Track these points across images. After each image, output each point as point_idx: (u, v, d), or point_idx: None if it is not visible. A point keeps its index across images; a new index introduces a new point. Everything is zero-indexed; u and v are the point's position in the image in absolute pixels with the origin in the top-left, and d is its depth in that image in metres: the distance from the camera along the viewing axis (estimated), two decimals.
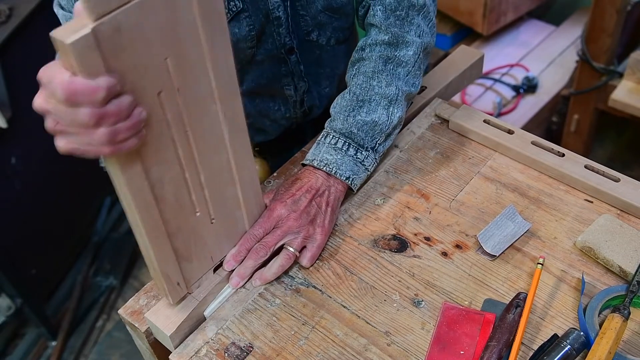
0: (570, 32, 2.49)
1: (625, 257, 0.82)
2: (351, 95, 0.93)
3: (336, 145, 0.91)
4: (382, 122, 0.92)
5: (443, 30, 2.58)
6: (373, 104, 0.92)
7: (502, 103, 2.28)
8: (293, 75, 1.05)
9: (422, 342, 0.79)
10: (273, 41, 0.98)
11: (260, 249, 0.84)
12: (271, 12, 0.94)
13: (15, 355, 2.14)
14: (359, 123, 0.92)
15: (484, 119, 1.03)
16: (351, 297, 0.84)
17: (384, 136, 0.93)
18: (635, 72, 1.86)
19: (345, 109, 0.93)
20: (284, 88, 1.06)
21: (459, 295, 0.83)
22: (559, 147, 0.97)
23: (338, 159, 0.91)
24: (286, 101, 1.09)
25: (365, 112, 0.92)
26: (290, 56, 1.02)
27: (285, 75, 1.05)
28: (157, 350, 0.87)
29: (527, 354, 0.76)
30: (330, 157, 0.91)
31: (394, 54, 0.93)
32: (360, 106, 0.92)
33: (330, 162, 0.90)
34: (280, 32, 0.97)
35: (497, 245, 0.86)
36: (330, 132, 0.93)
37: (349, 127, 0.92)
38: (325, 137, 0.93)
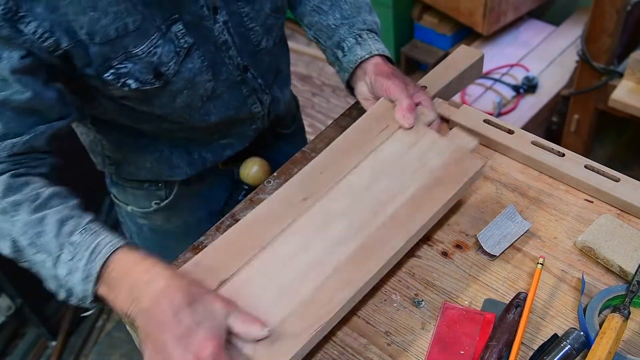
0: (570, 32, 2.49)
1: (625, 257, 0.82)
2: (349, 5, 1.05)
3: (374, 38, 1.03)
4: (377, 22, 1.07)
5: (443, 30, 2.58)
6: (363, 11, 1.06)
7: (502, 103, 2.28)
8: (255, 92, 1.06)
9: (422, 342, 0.79)
10: (226, 68, 0.98)
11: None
12: (217, 38, 0.94)
13: (15, 355, 2.14)
14: (372, 22, 1.06)
15: (484, 119, 1.03)
16: None
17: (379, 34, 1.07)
18: (635, 72, 1.86)
19: (353, 15, 1.05)
20: (252, 108, 1.07)
21: (459, 295, 0.84)
22: (559, 147, 0.97)
23: (383, 47, 1.03)
24: (254, 118, 1.09)
25: (365, 14, 1.06)
26: (246, 74, 1.02)
27: (249, 95, 1.05)
28: None
29: (527, 354, 0.76)
30: (380, 46, 1.02)
31: None
32: (359, 12, 1.05)
33: (384, 50, 1.02)
34: (230, 55, 0.98)
35: (497, 245, 0.86)
36: (360, 32, 1.03)
37: (370, 24, 1.05)
38: (359, 36, 1.03)
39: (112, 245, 0.75)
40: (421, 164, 0.87)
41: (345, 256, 0.78)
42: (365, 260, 0.78)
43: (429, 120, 0.94)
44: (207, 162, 1.11)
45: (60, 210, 0.78)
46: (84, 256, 0.74)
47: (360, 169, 0.88)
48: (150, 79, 0.88)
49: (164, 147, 1.07)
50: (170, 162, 1.09)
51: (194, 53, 0.92)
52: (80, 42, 0.81)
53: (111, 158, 1.10)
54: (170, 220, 1.20)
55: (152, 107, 0.95)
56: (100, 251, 0.74)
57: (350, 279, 0.76)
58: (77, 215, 0.78)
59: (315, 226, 0.81)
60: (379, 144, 0.90)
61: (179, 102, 0.95)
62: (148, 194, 1.15)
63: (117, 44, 0.83)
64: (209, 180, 1.17)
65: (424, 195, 0.83)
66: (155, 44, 0.86)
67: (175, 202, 1.16)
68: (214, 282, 0.76)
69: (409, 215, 0.81)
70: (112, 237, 0.76)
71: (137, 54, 0.85)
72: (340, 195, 0.85)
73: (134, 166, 1.10)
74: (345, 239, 0.80)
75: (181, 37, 0.89)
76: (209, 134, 1.07)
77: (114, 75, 0.86)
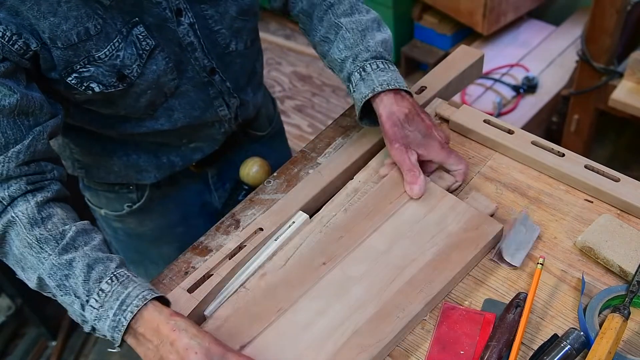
0: (570, 32, 2.49)
1: (625, 257, 0.82)
2: (351, 32, 0.97)
3: (378, 68, 0.94)
4: (386, 39, 0.98)
5: (443, 30, 2.58)
6: (370, 30, 0.98)
7: (502, 103, 2.28)
8: (222, 95, 1.05)
9: (422, 342, 0.79)
10: (192, 67, 0.98)
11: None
12: (182, 39, 0.94)
13: (15, 355, 2.14)
14: (377, 44, 0.96)
15: (484, 119, 1.03)
16: None
17: (392, 52, 0.99)
18: (635, 72, 1.86)
19: (356, 43, 0.96)
20: (218, 110, 1.06)
21: (459, 295, 0.84)
22: (559, 147, 0.97)
23: (390, 76, 0.93)
24: (222, 121, 1.09)
25: (370, 37, 0.97)
26: (214, 77, 1.02)
27: (215, 97, 1.04)
28: None
29: (527, 354, 0.76)
30: (385, 77, 0.93)
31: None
32: (364, 36, 0.96)
33: (390, 80, 0.93)
34: (196, 56, 0.97)
35: (516, 254, 0.85)
36: (364, 64, 0.94)
37: (374, 50, 0.95)
38: (362, 70, 0.94)
39: (141, 299, 0.75)
40: (440, 229, 0.88)
41: (364, 320, 0.79)
42: (383, 324, 0.79)
43: (448, 185, 0.94)
44: (175, 166, 1.11)
45: (87, 254, 0.79)
46: (113, 306, 0.75)
47: (379, 233, 0.88)
48: (114, 82, 0.89)
49: (132, 152, 1.07)
50: (138, 167, 1.09)
51: (158, 55, 0.92)
52: (45, 45, 0.82)
53: (80, 162, 1.10)
54: (143, 223, 1.20)
55: (117, 109, 0.95)
56: (130, 304, 0.75)
57: (368, 343, 0.77)
58: (104, 259, 0.79)
59: (333, 290, 0.83)
60: (397, 209, 0.91)
61: (143, 101, 0.95)
62: (120, 197, 1.15)
63: (80, 48, 0.84)
64: (182, 183, 1.17)
65: (442, 259, 0.84)
66: (118, 47, 0.86)
67: (147, 205, 1.16)
68: (234, 346, 0.78)
69: (427, 279, 0.82)
70: (141, 289, 0.76)
71: (99, 57, 0.86)
72: (359, 259, 0.86)
73: (103, 170, 1.10)
74: (364, 303, 0.81)
75: (143, 39, 0.89)
76: (177, 138, 1.06)
77: (77, 79, 0.86)
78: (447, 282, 0.82)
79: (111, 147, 1.05)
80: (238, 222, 0.96)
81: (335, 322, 0.80)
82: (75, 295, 0.77)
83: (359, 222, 0.90)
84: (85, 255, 0.79)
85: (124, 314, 0.75)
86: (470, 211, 0.89)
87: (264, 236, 0.90)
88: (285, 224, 0.92)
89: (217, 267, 0.87)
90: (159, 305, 0.76)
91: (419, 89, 1.11)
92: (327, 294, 0.83)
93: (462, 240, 0.86)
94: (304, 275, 0.85)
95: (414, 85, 1.12)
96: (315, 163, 1.04)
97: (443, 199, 0.91)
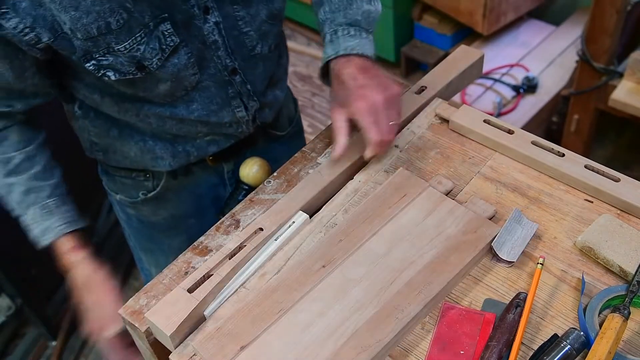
0: (570, 32, 2.49)
1: (625, 257, 0.82)
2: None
3: (349, 33, 0.99)
4: (373, 12, 1.03)
5: (443, 30, 2.58)
6: (358, 1, 1.01)
7: (502, 103, 2.28)
8: (241, 96, 1.06)
9: (422, 342, 0.79)
10: (215, 65, 0.99)
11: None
12: (207, 37, 0.95)
13: (15, 355, 2.14)
14: (358, 13, 1.00)
15: (484, 119, 1.03)
16: None
17: (374, 24, 1.03)
18: (635, 72, 1.86)
19: (340, 7, 1.01)
20: (235, 111, 1.07)
21: (459, 295, 0.84)
22: (559, 147, 0.97)
23: (357, 42, 0.98)
24: (238, 122, 1.09)
25: (356, 6, 1.01)
26: (234, 77, 1.03)
27: (234, 97, 1.05)
28: (157, 350, 0.87)
29: (527, 354, 0.76)
30: (351, 43, 0.98)
31: None
32: (350, 3, 1.01)
33: (355, 46, 0.97)
34: (219, 55, 0.98)
35: (511, 251, 0.86)
36: (337, 28, 1.00)
37: (353, 17, 1.00)
38: (334, 33, 0.99)
39: (56, 232, 1.01)
40: (438, 232, 0.88)
41: (363, 322, 0.80)
42: (383, 325, 0.79)
43: (446, 189, 0.94)
44: (190, 156, 1.12)
45: (25, 182, 0.99)
46: (33, 229, 1.01)
47: (378, 236, 0.89)
48: (132, 70, 0.90)
49: (148, 138, 1.08)
50: (154, 153, 1.10)
51: (181, 50, 0.93)
52: (65, 34, 0.84)
53: (97, 145, 1.11)
54: (157, 212, 1.21)
55: (136, 90, 0.96)
56: (46, 234, 1.00)
57: (367, 343, 0.77)
58: (38, 189, 1.00)
59: (333, 292, 0.83)
60: (396, 212, 0.91)
61: (162, 89, 0.96)
62: (136, 184, 1.16)
63: (100, 41, 0.85)
64: (197, 175, 1.18)
65: (441, 261, 0.84)
66: (139, 41, 0.88)
67: (162, 194, 1.17)
68: (235, 347, 0.78)
69: (425, 281, 0.83)
70: (60, 222, 1.01)
71: (119, 49, 0.87)
72: (358, 262, 0.86)
73: (119, 154, 1.11)
74: (363, 305, 0.81)
75: (168, 36, 0.90)
76: (193, 130, 1.07)
77: (95, 66, 0.88)
78: (446, 284, 0.82)
79: (128, 131, 1.07)
80: (238, 222, 0.96)
81: (335, 323, 0.80)
82: (12, 208, 1.02)
83: (358, 226, 0.90)
84: (24, 183, 0.99)
85: (42, 239, 1.01)
86: (468, 214, 0.89)
87: (264, 236, 0.90)
88: (285, 224, 0.92)
89: (217, 267, 0.87)
90: (69, 239, 1.01)
91: (418, 89, 1.11)
92: (327, 295, 0.83)
93: (460, 242, 0.86)
94: (304, 277, 0.85)
95: (414, 85, 1.12)
96: (315, 163, 1.04)
97: (442, 202, 0.91)
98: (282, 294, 0.83)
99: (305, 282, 0.84)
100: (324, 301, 0.82)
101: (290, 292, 0.83)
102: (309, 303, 0.82)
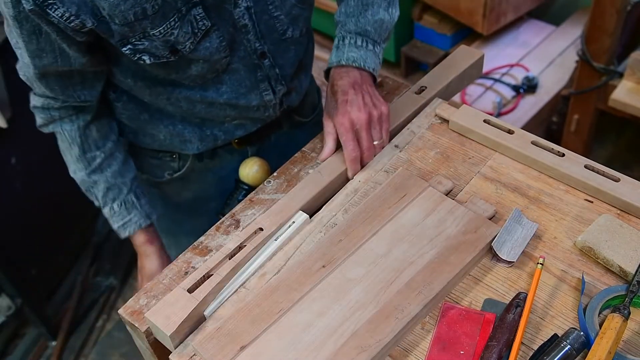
0: (570, 32, 2.49)
1: (625, 257, 0.82)
2: (356, 1, 1.04)
3: (356, 43, 1.03)
4: (387, 21, 1.06)
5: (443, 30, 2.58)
6: (375, 6, 1.04)
7: (502, 103, 2.28)
8: (269, 79, 1.07)
9: (422, 342, 0.79)
10: (245, 48, 1.01)
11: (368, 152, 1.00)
12: (237, 21, 0.97)
13: (15, 355, 2.14)
14: (369, 22, 1.03)
15: (484, 119, 1.03)
16: None
17: (387, 34, 1.07)
18: (635, 72, 1.86)
19: (353, 14, 1.04)
20: (263, 94, 1.08)
21: (459, 295, 0.84)
22: (559, 147, 0.97)
23: (361, 54, 1.02)
24: (266, 105, 1.10)
25: (371, 13, 1.04)
26: (264, 61, 1.04)
27: (262, 80, 1.07)
28: (157, 350, 0.87)
29: (527, 354, 0.76)
30: (354, 54, 1.02)
31: None
32: (366, 9, 1.04)
33: (357, 59, 1.02)
34: (249, 38, 1.00)
35: (511, 251, 0.86)
36: (346, 35, 1.04)
37: (363, 26, 1.03)
38: (342, 39, 1.04)
39: (136, 225, 1.13)
40: (438, 232, 0.88)
41: (363, 321, 0.80)
42: (383, 325, 0.79)
43: (446, 189, 0.94)
44: (218, 140, 1.14)
45: (108, 179, 1.10)
46: (117, 222, 1.13)
47: (378, 236, 0.89)
48: (166, 54, 0.93)
49: (178, 122, 1.11)
50: (183, 136, 1.12)
51: (213, 34, 0.95)
52: (104, 20, 0.87)
53: (128, 127, 1.14)
54: (181, 193, 1.24)
55: (168, 70, 0.98)
56: (127, 228, 1.13)
57: (367, 344, 0.77)
58: (120, 185, 1.11)
59: (333, 292, 0.83)
60: (396, 212, 0.91)
61: (194, 70, 0.98)
62: (162, 164, 1.19)
63: (136, 26, 0.88)
64: (223, 157, 1.20)
65: (441, 261, 0.84)
66: (173, 26, 0.90)
67: (187, 175, 1.20)
68: (235, 347, 0.79)
69: (425, 281, 0.83)
70: (139, 218, 1.13)
71: (154, 34, 0.89)
72: (358, 262, 0.86)
73: (149, 137, 1.14)
74: (363, 305, 0.81)
75: (200, 20, 0.92)
76: (222, 113, 1.09)
77: (131, 50, 0.91)
78: (446, 284, 0.82)
79: (158, 115, 1.10)
80: (238, 222, 0.96)
81: (335, 323, 0.80)
82: (96, 199, 1.13)
83: (358, 226, 0.90)
84: (106, 180, 1.10)
85: (124, 231, 1.13)
86: (468, 214, 0.89)
87: (264, 236, 0.90)
88: (285, 223, 0.92)
89: (217, 267, 0.87)
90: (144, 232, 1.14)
91: (418, 89, 1.11)
92: (327, 295, 0.83)
93: (460, 242, 0.86)
94: (304, 277, 0.85)
95: (414, 85, 1.12)
96: (315, 163, 1.04)
97: (442, 202, 0.91)
98: (282, 294, 0.83)
99: (305, 282, 0.84)
100: (323, 301, 0.82)
101: (290, 292, 0.83)
102: (309, 303, 0.82)
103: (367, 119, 0.98)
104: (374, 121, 0.99)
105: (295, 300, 0.82)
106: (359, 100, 0.98)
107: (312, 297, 0.83)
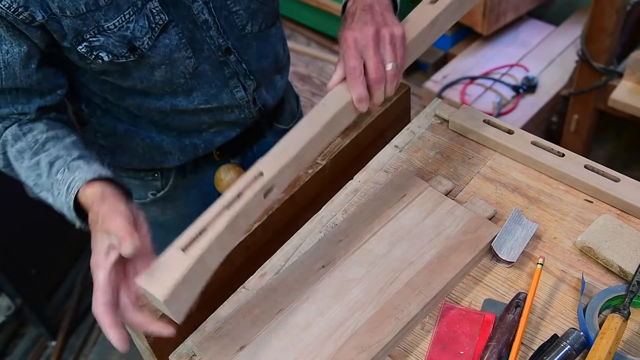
0: (570, 32, 2.49)
1: (625, 257, 0.82)
2: None
3: None
4: None
5: None
6: None
7: (502, 103, 2.28)
8: (238, 75, 1.06)
9: (422, 342, 0.79)
10: (208, 47, 0.99)
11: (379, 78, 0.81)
12: (197, 17, 0.95)
13: (15, 355, 2.14)
14: None
15: (484, 119, 1.03)
16: None
17: None
18: (635, 72, 1.86)
19: None
20: (234, 91, 1.07)
21: (459, 295, 0.84)
22: (559, 147, 0.97)
23: None
24: (239, 105, 1.09)
25: None
26: (229, 57, 1.03)
27: (230, 77, 1.05)
28: (156, 350, 0.87)
29: (527, 354, 0.76)
30: None
31: None
32: None
33: None
34: (212, 35, 0.98)
35: (511, 251, 0.86)
36: None
37: None
38: None
39: (82, 180, 0.83)
40: (438, 232, 0.88)
41: (363, 322, 0.80)
42: (383, 325, 0.79)
43: (446, 189, 0.94)
44: (198, 149, 1.12)
45: (51, 153, 0.88)
46: (62, 192, 0.85)
47: (378, 236, 0.89)
48: (124, 52, 0.91)
49: (154, 134, 1.08)
50: (162, 148, 1.10)
51: (171, 30, 0.93)
52: (54, 15, 0.85)
53: (105, 147, 1.11)
54: (165, 212, 1.21)
55: (133, 81, 0.96)
56: (73, 186, 0.84)
57: (367, 344, 0.77)
58: (65, 155, 0.88)
59: (333, 292, 0.83)
60: (396, 212, 0.91)
61: (158, 76, 0.96)
62: (145, 184, 1.16)
63: (89, 18, 0.86)
64: (205, 171, 1.18)
65: (441, 261, 0.84)
66: (128, 19, 0.88)
67: (171, 193, 1.17)
68: (235, 347, 0.78)
69: (425, 281, 0.83)
70: (84, 172, 0.84)
71: (109, 27, 0.88)
72: (358, 262, 0.86)
73: (127, 154, 1.11)
74: (363, 305, 0.81)
75: (156, 14, 0.91)
76: (197, 121, 1.07)
77: (87, 47, 0.89)
78: (446, 284, 0.82)
79: (134, 128, 1.07)
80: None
81: (335, 323, 0.80)
82: (47, 190, 0.88)
83: (358, 226, 0.90)
84: (49, 154, 0.88)
85: (69, 195, 0.83)
86: (468, 214, 0.89)
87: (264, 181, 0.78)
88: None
89: (213, 221, 0.78)
90: (99, 186, 0.83)
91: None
92: (327, 295, 0.83)
93: (460, 243, 0.86)
94: (303, 278, 0.85)
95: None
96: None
97: (441, 202, 0.91)
98: (282, 294, 0.83)
99: (304, 282, 0.84)
100: (323, 301, 0.82)
101: (290, 292, 0.83)
102: (309, 303, 0.82)
103: (374, 35, 0.81)
104: (384, 40, 0.82)
105: (295, 300, 0.82)
106: (367, 17, 0.84)
107: (311, 297, 0.83)
